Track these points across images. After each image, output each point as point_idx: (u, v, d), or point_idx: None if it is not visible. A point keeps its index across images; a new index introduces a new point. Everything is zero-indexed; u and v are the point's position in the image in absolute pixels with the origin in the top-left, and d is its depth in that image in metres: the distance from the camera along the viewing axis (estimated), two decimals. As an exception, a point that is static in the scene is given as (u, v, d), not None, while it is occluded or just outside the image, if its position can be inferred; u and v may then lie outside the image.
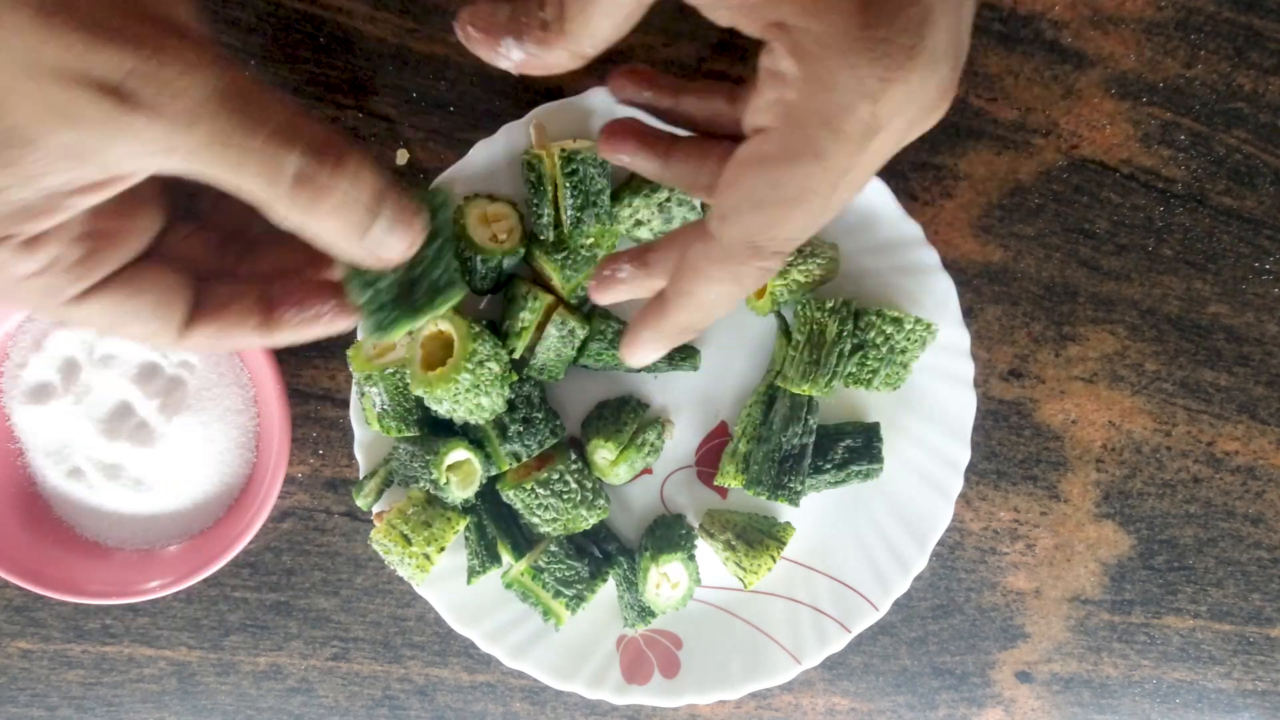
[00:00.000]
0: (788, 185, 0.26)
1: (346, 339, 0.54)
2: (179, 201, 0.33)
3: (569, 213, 0.48)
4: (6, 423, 0.51)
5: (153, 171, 0.26)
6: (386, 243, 0.28)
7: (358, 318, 0.32)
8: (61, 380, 0.50)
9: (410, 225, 0.29)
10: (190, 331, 0.31)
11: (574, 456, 0.51)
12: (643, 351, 0.35)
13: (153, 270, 0.30)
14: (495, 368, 0.46)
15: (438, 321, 0.46)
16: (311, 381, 0.55)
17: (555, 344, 0.50)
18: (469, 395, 0.45)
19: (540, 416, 0.50)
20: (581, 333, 0.50)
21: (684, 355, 0.52)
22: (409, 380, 0.46)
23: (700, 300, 0.31)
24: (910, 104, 0.25)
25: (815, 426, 0.51)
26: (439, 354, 0.46)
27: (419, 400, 0.48)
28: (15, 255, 0.26)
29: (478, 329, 0.46)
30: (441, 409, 0.46)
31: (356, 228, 0.27)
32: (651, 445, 0.52)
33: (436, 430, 0.50)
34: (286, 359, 0.54)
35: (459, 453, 0.48)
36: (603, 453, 0.50)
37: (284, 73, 0.52)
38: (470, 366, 0.45)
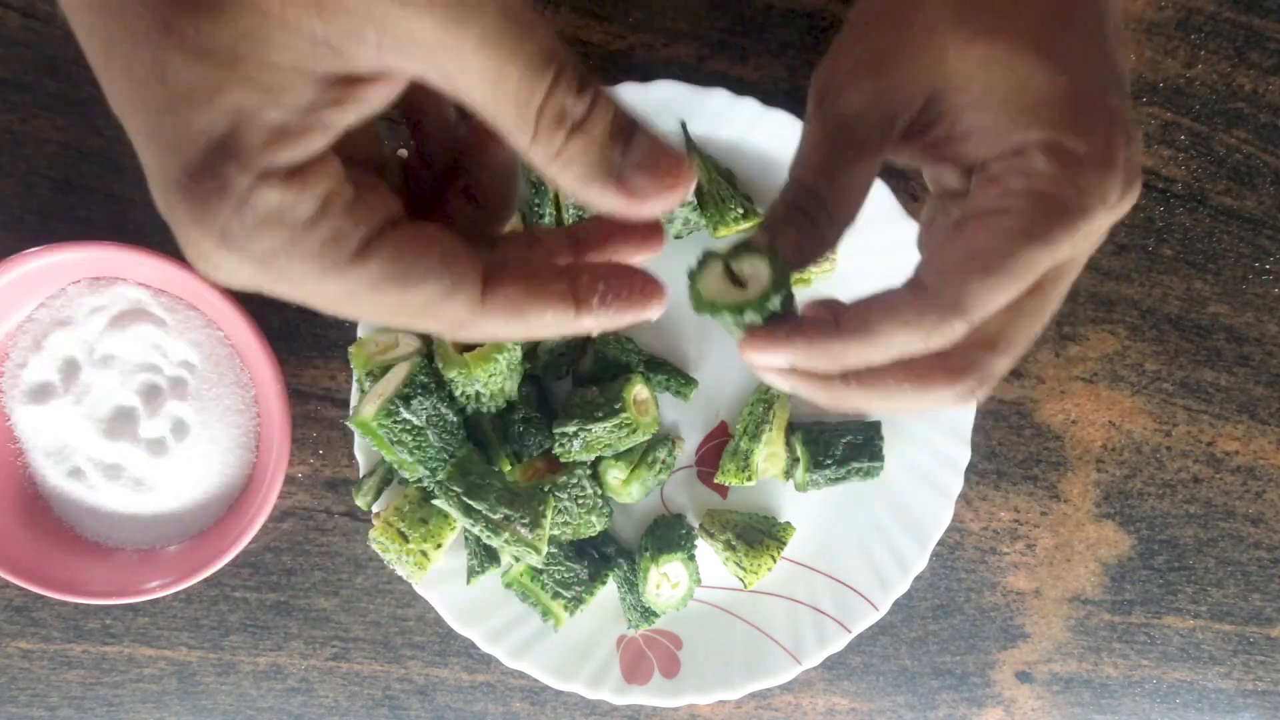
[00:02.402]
0: (1017, 258, 0.27)
1: (346, 339, 0.54)
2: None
3: (570, 211, 0.48)
4: (6, 423, 0.51)
5: (408, 76, 0.23)
6: (639, 185, 0.24)
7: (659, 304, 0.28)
8: (61, 380, 0.50)
9: (669, 169, 0.25)
10: (491, 299, 0.25)
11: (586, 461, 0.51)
12: (775, 361, 0.30)
13: (429, 226, 0.25)
14: (519, 353, 0.47)
15: None
16: (311, 381, 0.55)
17: (557, 343, 0.50)
18: (499, 379, 0.46)
19: (540, 416, 0.50)
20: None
21: (684, 381, 0.52)
22: (439, 363, 0.46)
23: (876, 332, 0.28)
24: (1119, 214, 0.28)
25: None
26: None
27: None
28: (287, 193, 0.22)
29: None
30: (470, 390, 0.46)
31: (603, 163, 0.24)
32: (663, 463, 0.52)
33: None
34: (286, 359, 0.54)
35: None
36: (614, 472, 0.50)
37: (284, 73, 0.52)
38: (509, 347, 0.45)
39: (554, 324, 0.26)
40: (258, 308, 0.53)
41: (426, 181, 0.30)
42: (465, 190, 0.29)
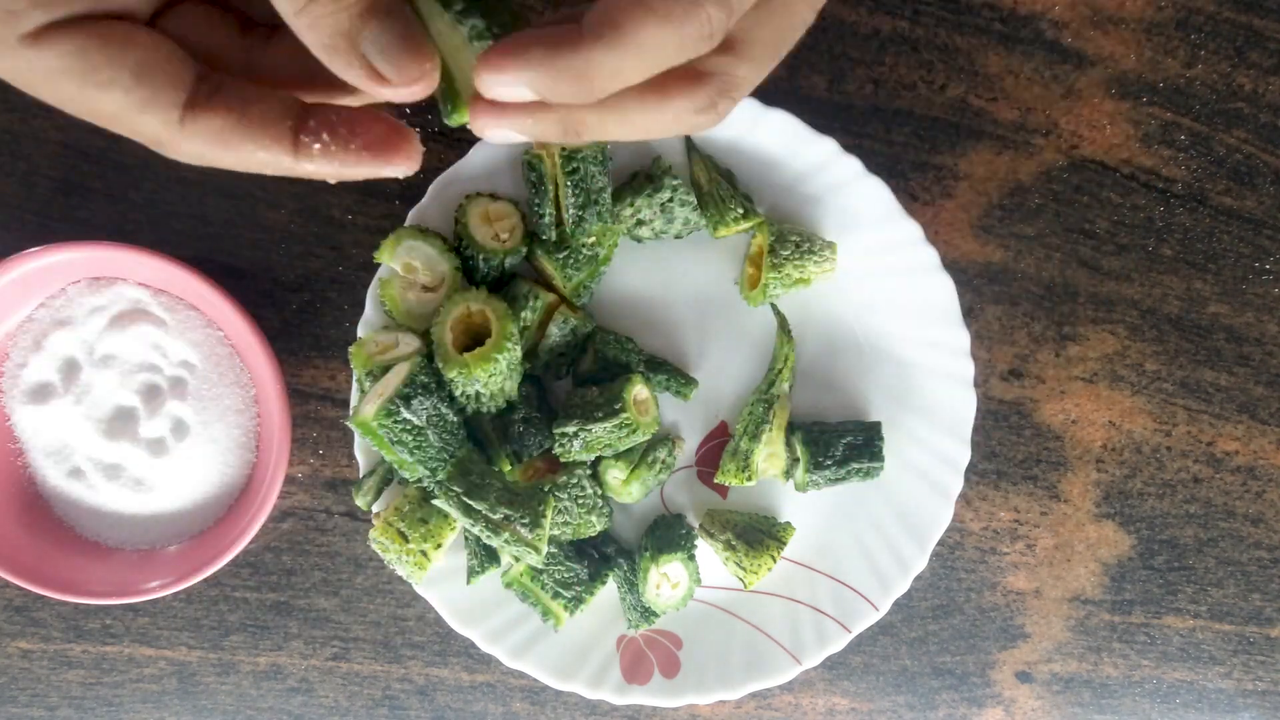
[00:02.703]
0: None
1: (347, 338, 0.54)
2: None
3: (570, 212, 0.48)
4: (6, 423, 0.51)
5: None
6: (381, 67, 0.23)
7: (407, 164, 0.26)
8: (61, 380, 0.50)
9: (409, 51, 0.23)
10: (194, 115, 0.24)
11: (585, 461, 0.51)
12: (511, 93, 0.25)
13: (142, 32, 0.24)
14: (519, 353, 0.47)
15: (471, 303, 0.46)
16: (311, 381, 0.55)
17: (557, 342, 0.50)
18: (499, 378, 0.46)
19: (540, 416, 0.50)
20: (584, 330, 0.50)
21: (684, 381, 0.52)
22: (438, 363, 0.46)
23: (628, 38, 0.23)
24: None
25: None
26: (462, 339, 0.47)
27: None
28: None
29: (509, 311, 0.47)
30: (470, 390, 0.46)
31: (348, 35, 0.23)
32: (663, 463, 0.52)
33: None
34: (286, 359, 0.54)
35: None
36: (614, 472, 0.50)
37: (284, 72, 0.52)
38: (509, 347, 0.45)
39: (267, 163, 0.25)
40: (258, 308, 0.53)
41: None
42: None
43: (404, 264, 0.49)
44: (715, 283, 0.53)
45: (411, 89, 0.24)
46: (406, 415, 0.45)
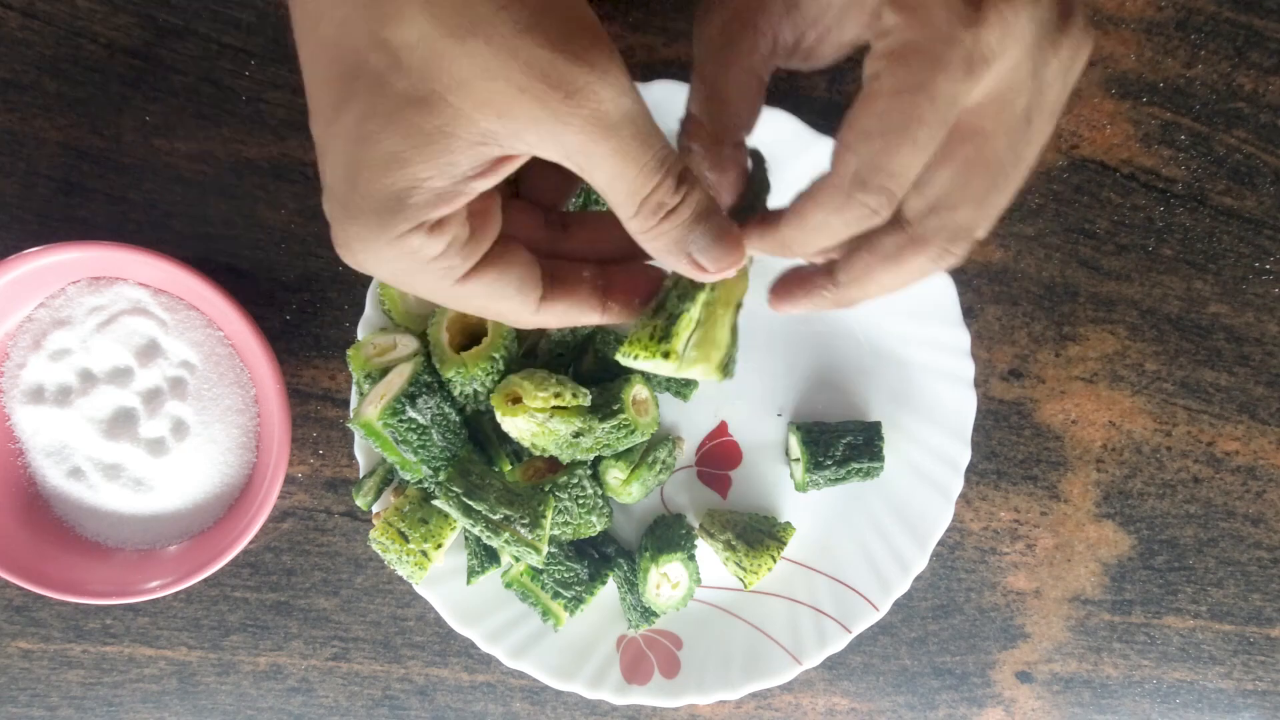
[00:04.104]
0: (891, 115, 0.29)
1: (347, 339, 0.54)
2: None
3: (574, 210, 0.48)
4: (6, 423, 0.51)
5: (542, 157, 0.29)
6: (704, 261, 0.32)
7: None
8: (61, 380, 0.50)
9: (725, 249, 0.32)
10: (544, 307, 0.34)
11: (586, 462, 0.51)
12: (790, 307, 0.37)
13: (513, 248, 0.33)
14: (516, 349, 0.48)
15: None
16: (311, 381, 0.55)
17: (557, 342, 0.50)
18: (497, 377, 0.47)
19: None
20: (584, 331, 0.50)
21: (684, 382, 0.52)
22: (436, 363, 0.47)
23: (806, 222, 0.32)
24: (1024, 27, 0.28)
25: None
26: (459, 339, 0.48)
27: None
28: (426, 240, 0.29)
29: None
30: (469, 389, 0.47)
31: (681, 243, 0.31)
32: (663, 463, 0.52)
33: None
34: (286, 359, 0.54)
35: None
36: (614, 472, 0.50)
37: (284, 73, 0.52)
38: (506, 344, 0.46)
39: (583, 321, 0.35)
40: (258, 308, 0.53)
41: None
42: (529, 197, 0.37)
43: None
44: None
45: (724, 273, 0.32)
46: (412, 414, 0.45)
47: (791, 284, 0.37)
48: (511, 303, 0.33)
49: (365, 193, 0.28)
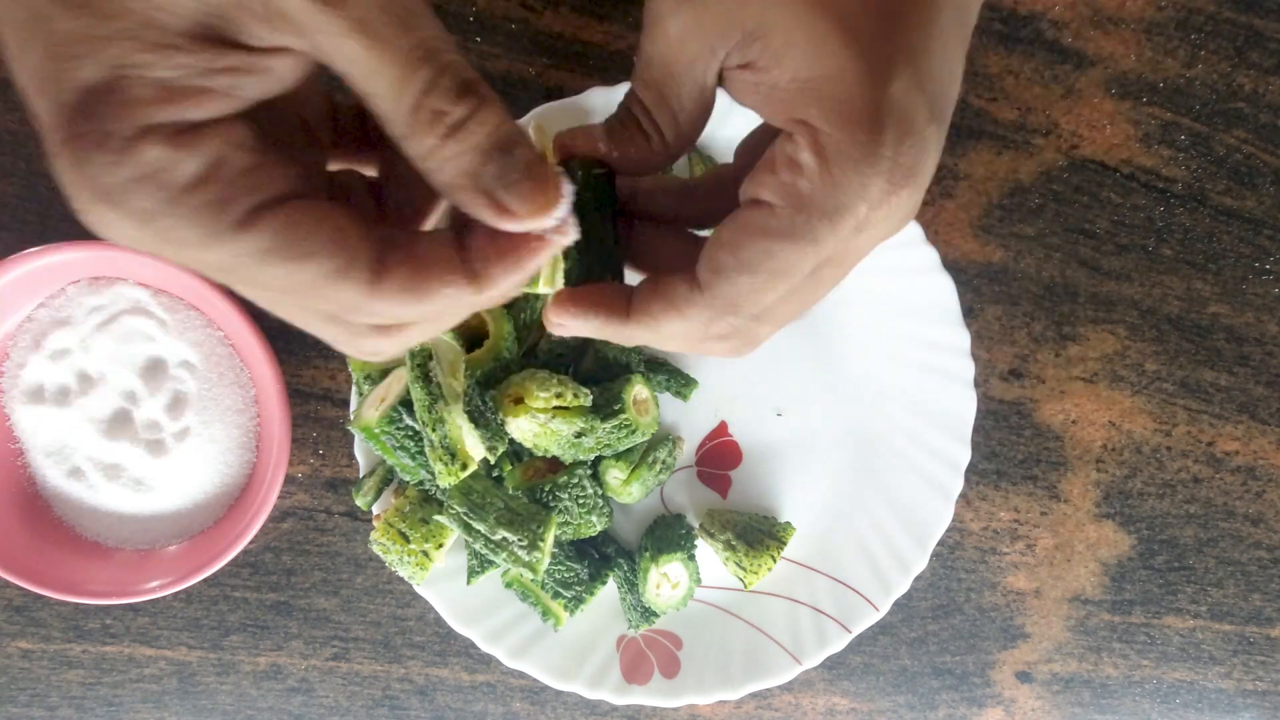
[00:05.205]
0: (780, 258, 0.28)
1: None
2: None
3: None
4: (6, 423, 0.51)
5: (291, 54, 0.23)
6: (508, 203, 0.25)
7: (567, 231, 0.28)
8: (61, 380, 0.50)
9: (538, 186, 0.25)
10: (383, 278, 0.25)
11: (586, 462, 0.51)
12: (573, 329, 0.32)
13: (330, 205, 0.25)
14: (517, 349, 0.48)
15: None
16: (311, 381, 0.55)
17: (557, 342, 0.50)
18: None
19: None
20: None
21: (684, 382, 0.52)
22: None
23: (661, 331, 0.31)
24: (894, 215, 0.28)
25: None
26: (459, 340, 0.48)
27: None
28: (168, 151, 0.22)
29: (505, 312, 0.48)
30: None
31: (473, 175, 0.25)
32: (663, 463, 0.52)
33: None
34: (286, 359, 0.54)
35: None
36: (614, 472, 0.50)
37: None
38: (507, 345, 0.46)
39: (452, 301, 0.26)
40: (258, 308, 0.53)
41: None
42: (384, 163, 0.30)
43: None
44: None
45: (538, 219, 0.26)
46: (409, 422, 0.45)
47: (585, 302, 0.31)
48: (328, 265, 0.24)
49: (56, 94, 0.22)
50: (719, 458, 0.54)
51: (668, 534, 0.52)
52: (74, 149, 0.22)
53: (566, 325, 0.31)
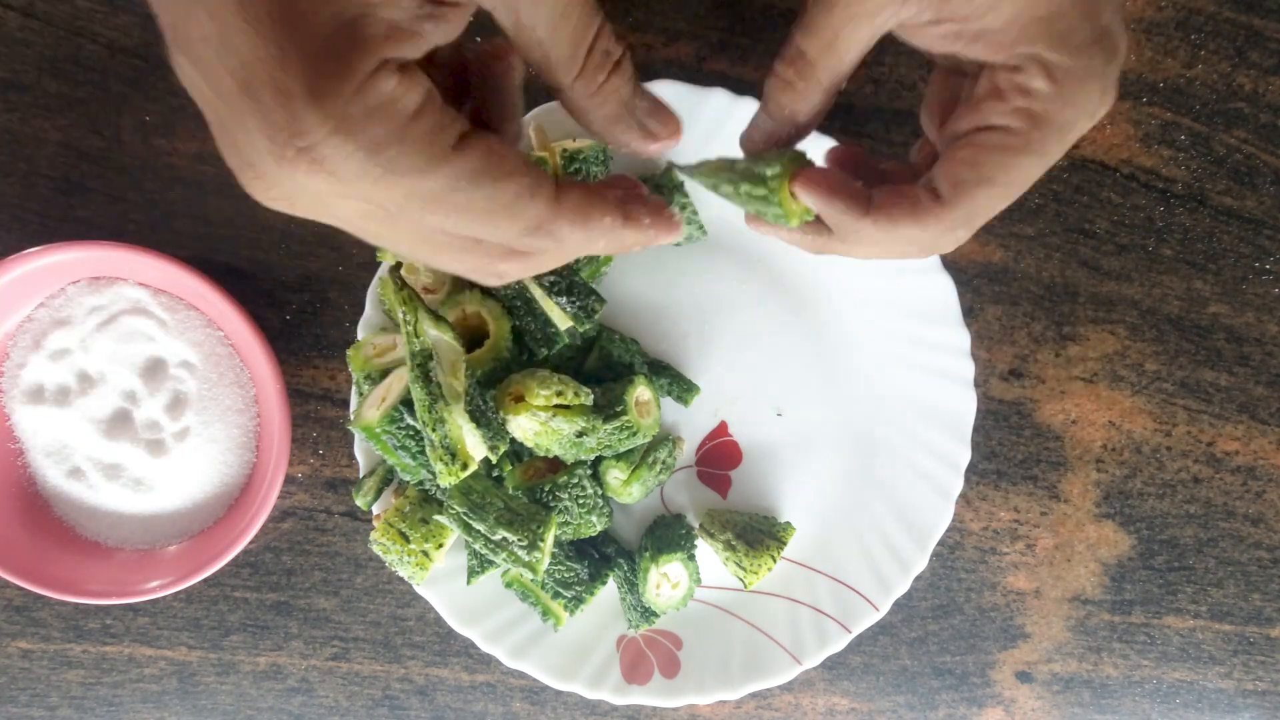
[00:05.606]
0: (1018, 170, 0.32)
1: (347, 339, 0.54)
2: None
3: None
4: (6, 423, 0.51)
5: (481, 5, 0.27)
6: (652, 127, 0.31)
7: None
8: (61, 380, 0.50)
9: (667, 112, 0.31)
10: (562, 197, 0.29)
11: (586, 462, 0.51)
12: (810, 204, 0.33)
13: (500, 136, 0.29)
14: (515, 348, 0.48)
15: (467, 305, 0.48)
16: (311, 381, 0.55)
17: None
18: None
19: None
20: (589, 334, 0.50)
21: (686, 387, 0.52)
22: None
23: (893, 234, 0.32)
24: (1097, 119, 0.32)
25: None
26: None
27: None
28: (400, 84, 0.24)
29: (506, 312, 0.48)
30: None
31: (629, 104, 0.30)
32: (663, 464, 0.52)
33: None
34: (286, 359, 0.54)
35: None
36: (615, 473, 0.50)
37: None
38: (507, 343, 0.47)
39: (610, 231, 0.30)
40: (258, 308, 0.53)
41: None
42: (474, 113, 0.31)
43: (405, 265, 0.49)
44: (717, 283, 0.53)
45: (670, 142, 0.31)
46: (410, 421, 0.45)
47: (834, 181, 0.33)
48: (524, 182, 0.27)
49: (304, 33, 0.23)
50: (719, 458, 0.54)
51: (668, 534, 0.52)
52: (318, 82, 0.23)
53: (805, 198, 0.33)
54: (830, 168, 0.34)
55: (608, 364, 0.51)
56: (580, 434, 0.46)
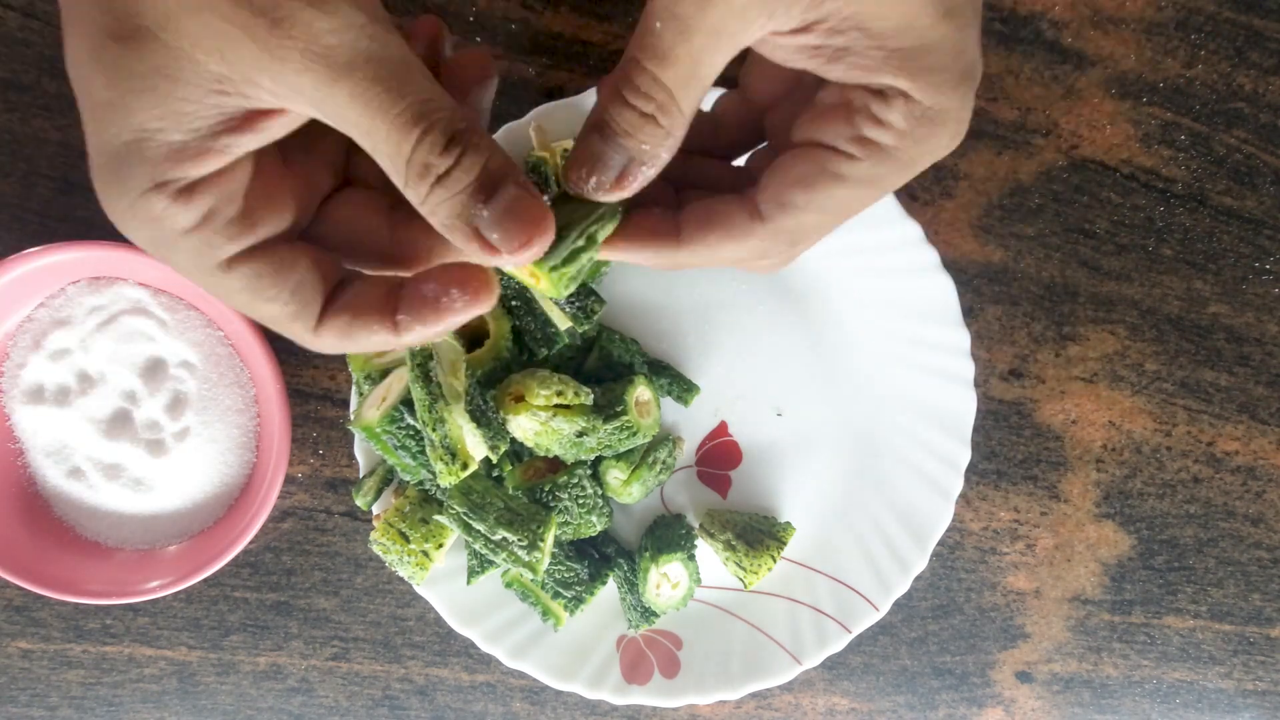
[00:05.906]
0: (853, 201, 0.30)
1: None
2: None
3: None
4: (6, 423, 0.51)
5: (292, 112, 0.27)
6: (495, 239, 0.27)
7: (487, 300, 0.29)
8: (61, 380, 0.50)
9: (522, 226, 0.27)
10: (324, 324, 0.29)
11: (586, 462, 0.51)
12: (625, 257, 0.32)
13: (303, 250, 0.29)
14: (515, 348, 0.48)
15: None
16: (311, 381, 0.55)
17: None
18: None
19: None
20: (590, 334, 0.50)
21: (686, 388, 0.52)
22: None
23: (714, 255, 0.32)
24: (940, 155, 0.30)
25: None
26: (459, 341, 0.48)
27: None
28: (173, 205, 0.26)
29: (505, 312, 0.48)
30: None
31: (461, 216, 0.27)
32: (663, 464, 0.52)
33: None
34: (286, 359, 0.54)
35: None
36: (615, 473, 0.50)
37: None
38: (507, 343, 0.47)
39: (381, 344, 0.30)
40: (258, 308, 0.53)
41: None
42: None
43: None
44: (717, 283, 0.53)
45: (519, 255, 0.28)
46: (410, 421, 0.45)
47: (634, 234, 0.32)
48: (284, 310, 0.29)
49: (97, 143, 0.26)
50: (719, 458, 0.54)
51: (668, 534, 0.52)
52: (104, 187, 0.27)
53: (623, 257, 0.32)
54: (631, 220, 0.32)
55: (608, 364, 0.51)
56: (580, 434, 0.46)
